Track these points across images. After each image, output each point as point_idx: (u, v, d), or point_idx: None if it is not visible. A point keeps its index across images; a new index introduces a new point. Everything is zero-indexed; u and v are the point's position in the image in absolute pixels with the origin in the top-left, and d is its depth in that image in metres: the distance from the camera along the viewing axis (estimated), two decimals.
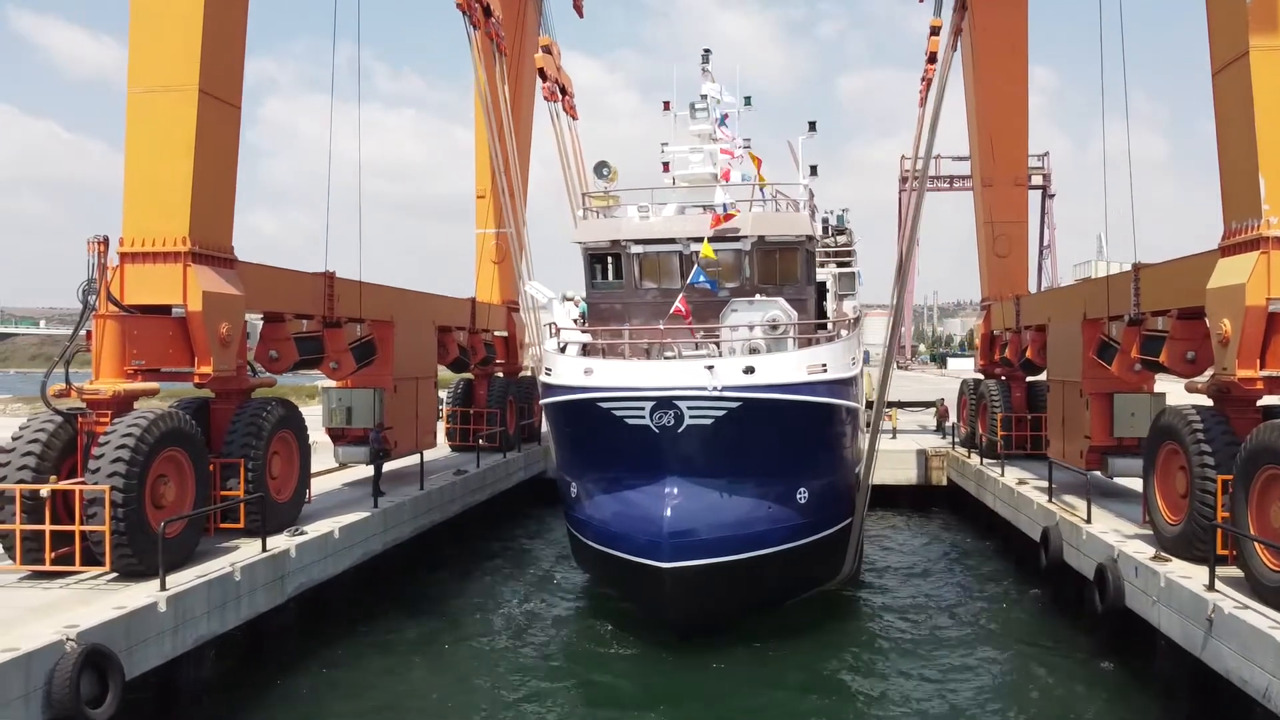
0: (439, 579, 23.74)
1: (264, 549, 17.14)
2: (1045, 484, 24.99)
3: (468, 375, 34.02)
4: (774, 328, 20.01)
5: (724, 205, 20.58)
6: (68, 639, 12.22)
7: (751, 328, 20.07)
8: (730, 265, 21.28)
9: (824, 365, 18.71)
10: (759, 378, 17.70)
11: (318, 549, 18.83)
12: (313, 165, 17.11)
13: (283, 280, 20.24)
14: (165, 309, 17.22)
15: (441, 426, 33.23)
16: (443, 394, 35.10)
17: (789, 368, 18.18)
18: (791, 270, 21.69)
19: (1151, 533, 17.84)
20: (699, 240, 20.14)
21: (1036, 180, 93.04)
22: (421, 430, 27.30)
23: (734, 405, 17.41)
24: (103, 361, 15.70)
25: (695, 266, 20.00)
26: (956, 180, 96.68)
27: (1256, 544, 13.82)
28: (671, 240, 21.56)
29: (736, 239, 20.88)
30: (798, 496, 19.08)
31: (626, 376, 17.91)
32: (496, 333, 34.26)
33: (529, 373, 36.78)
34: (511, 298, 35.54)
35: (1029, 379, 31.22)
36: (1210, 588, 14.27)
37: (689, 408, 17.34)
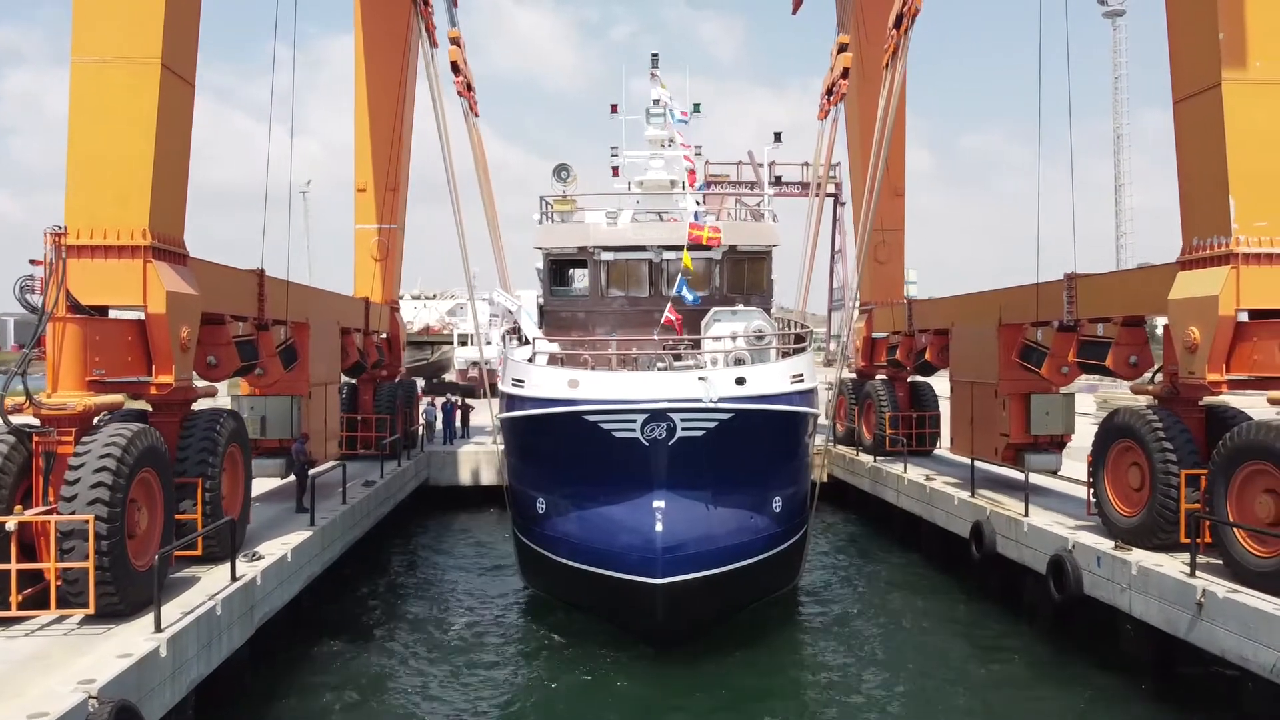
0: (368, 600, 22.25)
1: (234, 577, 15.47)
2: (952, 480, 26.58)
3: (350, 380, 32.07)
4: (759, 338, 20.02)
5: (696, 214, 20.40)
6: (90, 696, 10.55)
7: (735, 338, 20.01)
8: (700, 274, 21.10)
9: (802, 375, 18.95)
10: (750, 388, 17.65)
11: (276, 575, 17.19)
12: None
13: (223, 277, 18.29)
14: (103, 310, 15.18)
15: None
16: None
17: (776, 378, 18.26)
18: (758, 280, 21.84)
19: (1097, 524, 19.25)
20: (670, 248, 19.81)
21: (830, 189, 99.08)
22: (329, 439, 25.49)
23: (726, 417, 17.26)
24: (61, 371, 13.61)
25: (679, 276, 19.69)
26: (756, 186, 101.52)
27: (1237, 531, 15.18)
28: (642, 248, 21.12)
29: (708, 248, 20.75)
30: (773, 505, 19.22)
31: (617, 389, 17.33)
32: (381, 334, 32.51)
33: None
34: (393, 297, 33.91)
35: (911, 379, 33.02)
36: (1192, 574, 15.56)
37: (682, 420, 17.04)
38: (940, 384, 32.56)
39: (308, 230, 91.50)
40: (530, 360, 19.26)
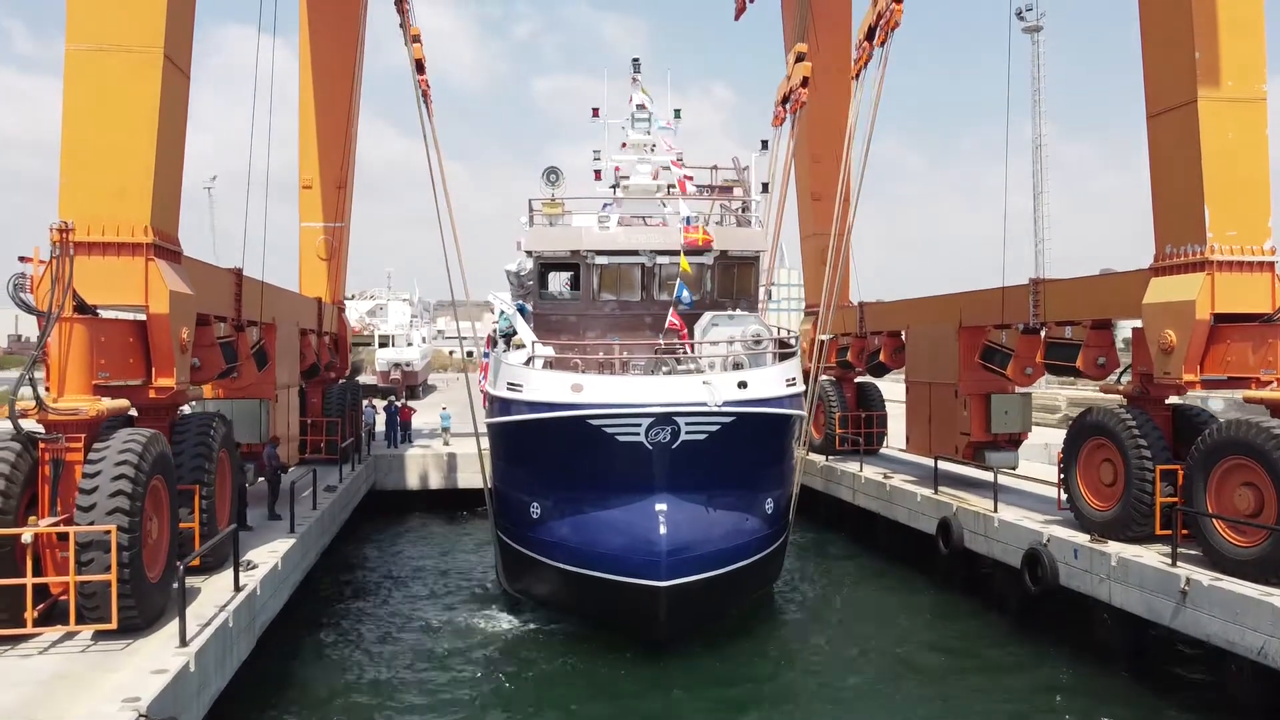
0: (343, 606, 21.70)
1: (237, 587, 14.94)
2: (908, 478, 27.36)
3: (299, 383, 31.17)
4: (756, 342, 20.23)
5: (688, 218, 20.51)
6: (141, 715, 10.11)
7: (733, 342, 20.16)
8: (692, 279, 21.18)
9: (794, 378, 19.26)
10: (751, 392, 17.86)
11: (271, 583, 16.65)
12: None
13: (207, 276, 17.62)
14: (92, 310, 14.46)
15: None
16: None
17: (773, 381, 18.50)
18: (747, 284, 22.06)
19: (1067, 518, 20.10)
20: (664, 253, 19.89)
21: (739, 191, 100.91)
22: (290, 442, 24.75)
23: (729, 420, 17.43)
24: (68, 375, 12.91)
25: (679, 281, 19.77)
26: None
27: (1217, 522, 16.09)
28: (635, 252, 21.12)
29: (700, 252, 20.88)
30: (765, 507, 19.46)
31: (622, 392, 17.29)
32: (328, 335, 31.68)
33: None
34: (340, 298, 33.11)
35: (858, 380, 33.84)
36: (1174, 564, 16.41)
37: (687, 423, 17.13)
38: (886, 385, 33.58)
39: (214, 228, 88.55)
40: (528, 364, 19.03)
